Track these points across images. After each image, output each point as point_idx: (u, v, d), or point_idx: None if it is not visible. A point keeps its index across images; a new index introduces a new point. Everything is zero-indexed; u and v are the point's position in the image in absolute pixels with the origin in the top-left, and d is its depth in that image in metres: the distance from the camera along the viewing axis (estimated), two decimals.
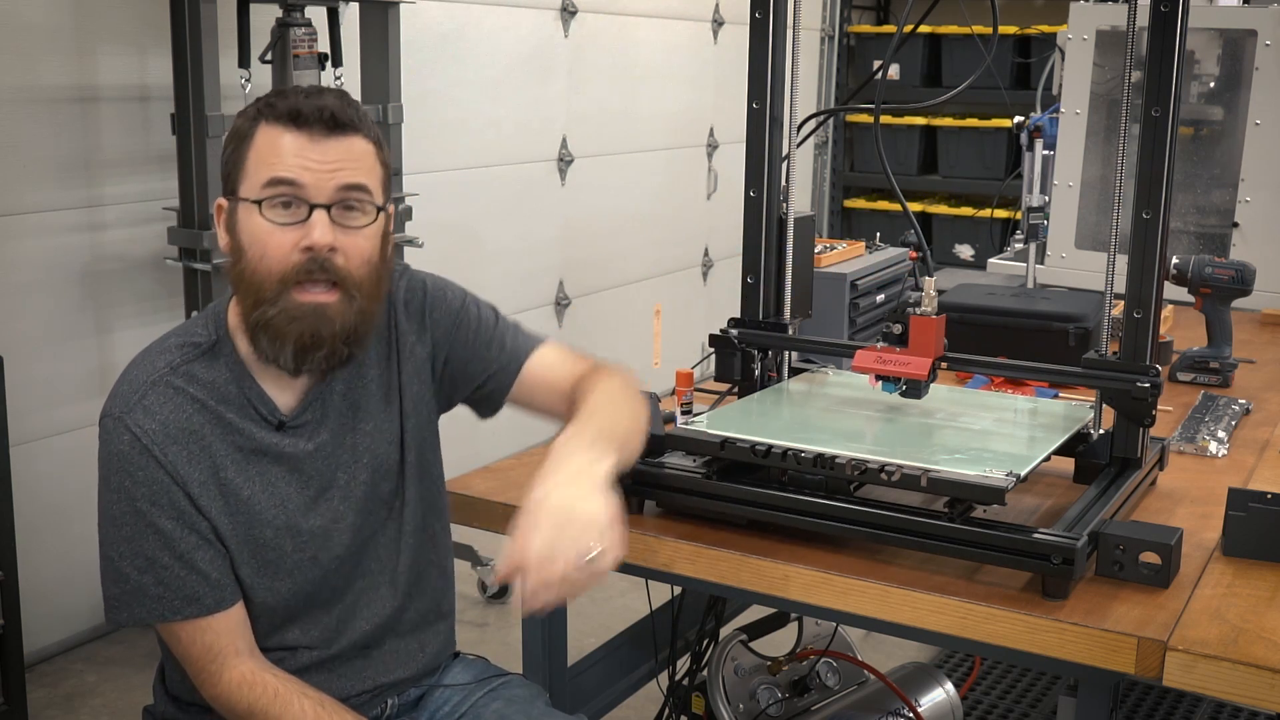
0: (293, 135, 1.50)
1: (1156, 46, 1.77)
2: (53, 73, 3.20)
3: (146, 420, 1.54)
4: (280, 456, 1.60)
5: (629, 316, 5.43)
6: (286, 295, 1.50)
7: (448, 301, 1.74)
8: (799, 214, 2.11)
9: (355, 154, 1.53)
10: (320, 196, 1.50)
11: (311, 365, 1.55)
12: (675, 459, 1.85)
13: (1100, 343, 1.97)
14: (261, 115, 1.53)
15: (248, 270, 1.53)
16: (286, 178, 1.49)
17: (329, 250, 1.50)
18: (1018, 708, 3.06)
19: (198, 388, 1.57)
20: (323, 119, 1.50)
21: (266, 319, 1.51)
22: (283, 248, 1.50)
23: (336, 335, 1.53)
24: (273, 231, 1.50)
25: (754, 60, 2.05)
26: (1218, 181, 3.53)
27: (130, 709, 3.12)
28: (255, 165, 1.52)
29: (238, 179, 1.54)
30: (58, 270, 3.27)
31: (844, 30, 7.00)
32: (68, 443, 3.31)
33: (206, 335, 1.61)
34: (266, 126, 1.52)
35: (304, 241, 1.49)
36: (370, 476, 1.66)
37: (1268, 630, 1.50)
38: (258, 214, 1.51)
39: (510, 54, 4.62)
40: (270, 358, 1.54)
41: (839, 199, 7.17)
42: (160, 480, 1.54)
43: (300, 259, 1.50)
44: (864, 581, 1.64)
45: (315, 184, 1.50)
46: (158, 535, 1.54)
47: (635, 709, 2.68)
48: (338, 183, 1.51)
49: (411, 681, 1.76)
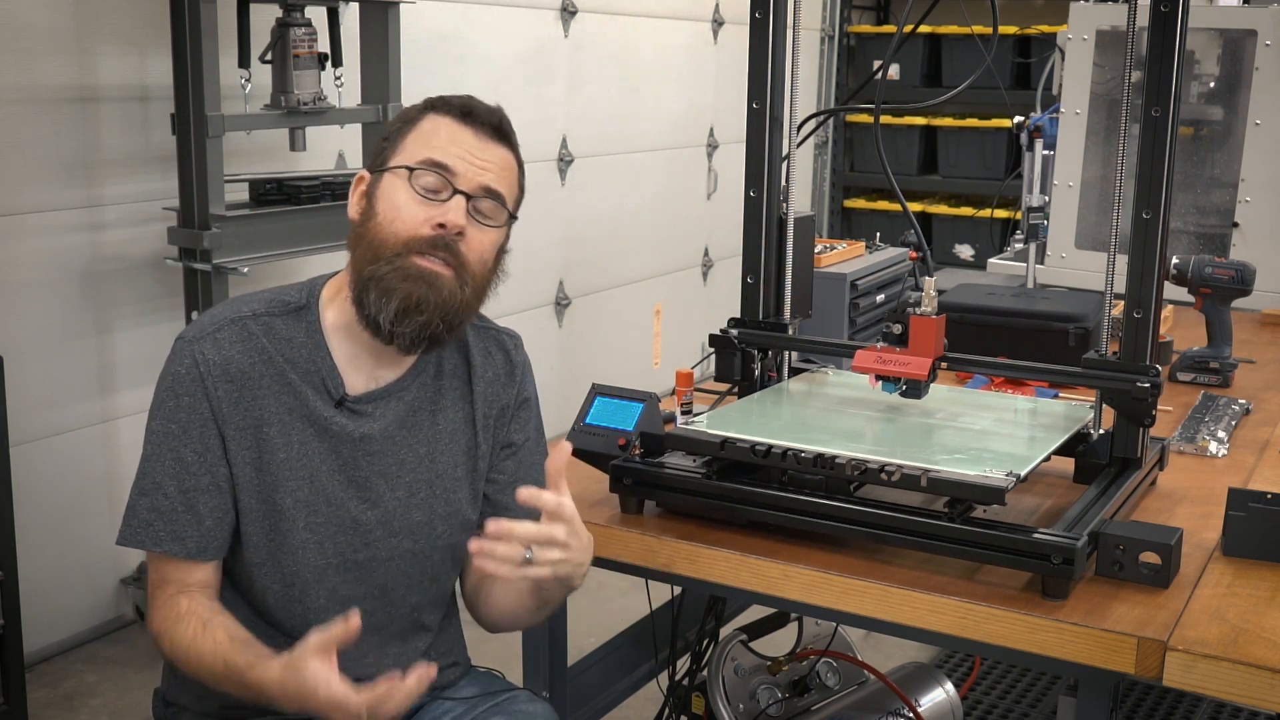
0: (459, 127, 1.61)
1: (1156, 46, 1.77)
2: (53, 73, 3.20)
3: (212, 351, 1.59)
4: (326, 432, 1.62)
5: (629, 316, 5.43)
6: (406, 258, 1.57)
7: (531, 395, 1.80)
8: (799, 214, 2.11)
9: (504, 164, 1.64)
10: (466, 185, 1.59)
11: (406, 330, 1.58)
12: (675, 459, 1.86)
13: (1100, 343, 1.97)
14: (432, 107, 1.64)
15: (374, 230, 1.59)
16: (444, 161, 1.59)
17: (457, 232, 1.57)
18: (1018, 708, 3.06)
19: (272, 340, 1.62)
20: (491, 122, 1.63)
21: (380, 274, 1.57)
22: (416, 217, 1.57)
23: (438, 306, 1.58)
24: (412, 200, 1.58)
25: (754, 60, 2.05)
26: (1218, 181, 3.53)
27: (130, 709, 3.12)
28: (415, 143, 1.61)
29: (391, 154, 1.62)
30: (58, 270, 3.27)
31: (844, 30, 7.00)
32: (68, 443, 3.31)
33: (298, 299, 1.67)
34: (435, 115, 1.63)
35: (439, 218, 1.57)
36: (406, 494, 1.66)
37: (1268, 630, 1.50)
38: (406, 182, 1.58)
39: (510, 54, 4.62)
40: (373, 314, 1.58)
41: (839, 199, 7.17)
42: (201, 411, 1.58)
43: (430, 233, 1.57)
44: (864, 581, 1.64)
45: (465, 174, 1.59)
46: (175, 461, 1.58)
47: (635, 709, 2.68)
48: (484, 181, 1.60)
49: None
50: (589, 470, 1.94)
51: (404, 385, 1.67)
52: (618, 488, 1.85)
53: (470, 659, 1.86)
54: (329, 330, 1.65)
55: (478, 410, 1.72)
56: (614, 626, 2.44)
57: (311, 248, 3.37)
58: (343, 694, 1.41)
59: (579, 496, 1.92)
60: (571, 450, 1.57)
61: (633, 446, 1.87)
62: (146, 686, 3.16)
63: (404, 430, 1.67)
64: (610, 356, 5.27)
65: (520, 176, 1.68)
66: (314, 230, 3.36)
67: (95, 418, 3.38)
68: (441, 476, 1.69)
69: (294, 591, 1.64)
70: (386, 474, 1.65)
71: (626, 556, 1.81)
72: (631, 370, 5.30)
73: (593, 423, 1.91)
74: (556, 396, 4.76)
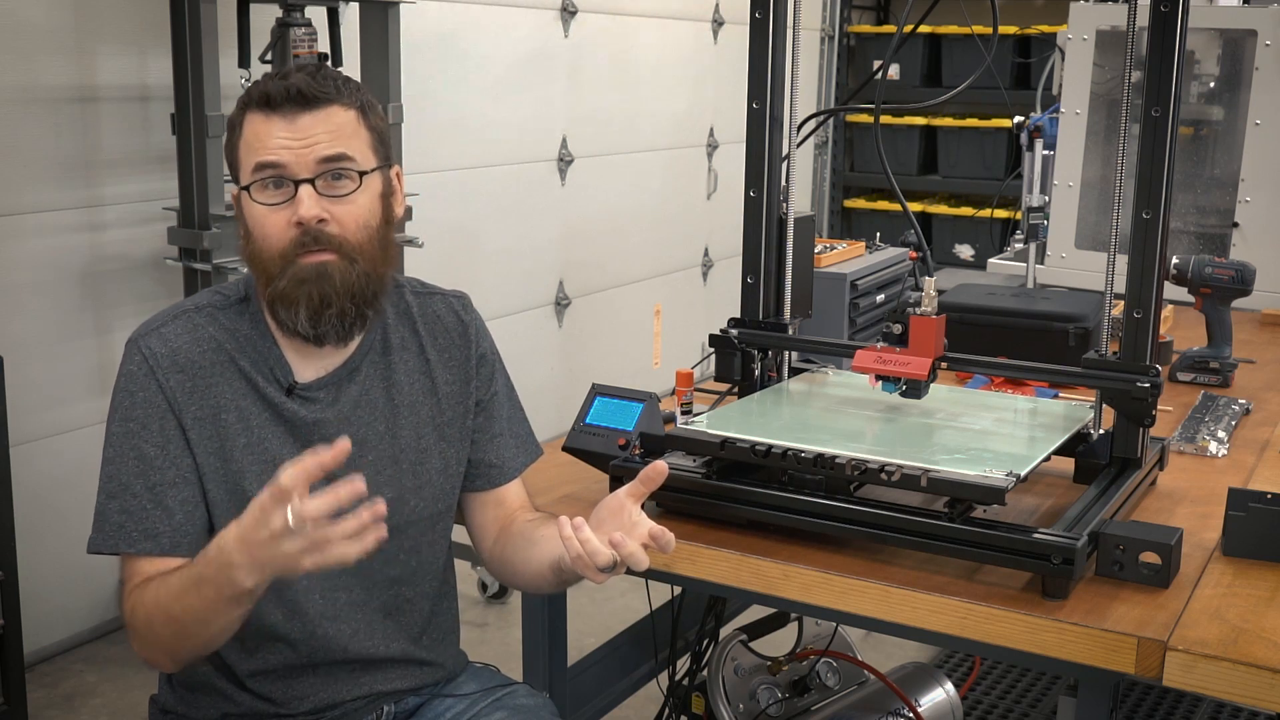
0: (268, 118, 1.56)
1: (1156, 46, 1.77)
2: (53, 73, 3.20)
3: (159, 345, 1.60)
4: (281, 418, 1.62)
5: (629, 316, 5.43)
6: (293, 264, 1.56)
7: (489, 351, 1.78)
8: (799, 214, 2.11)
9: (333, 124, 1.56)
10: (302, 172, 1.55)
11: (327, 327, 1.58)
12: (675, 459, 1.85)
13: (1100, 343, 1.97)
14: (244, 104, 1.59)
15: (255, 251, 1.58)
16: (268, 160, 1.55)
17: (319, 222, 1.55)
18: (1018, 708, 3.06)
19: (219, 329, 1.63)
20: (290, 97, 1.55)
21: (279, 291, 1.56)
22: (278, 226, 1.56)
23: (341, 293, 1.57)
24: (267, 213, 1.56)
25: (754, 60, 2.05)
26: (1218, 181, 3.53)
27: (130, 709, 3.12)
28: (245, 153, 1.58)
29: (236, 169, 1.61)
30: (58, 270, 3.27)
31: (844, 30, 6.99)
32: (68, 443, 3.31)
33: (238, 292, 1.67)
34: (250, 114, 1.58)
35: (294, 218, 1.55)
36: (373, 473, 1.64)
37: (1268, 630, 1.50)
38: (250, 198, 1.57)
39: (510, 54, 4.62)
40: (290, 328, 1.59)
41: (839, 199, 7.17)
42: (157, 404, 1.58)
43: (295, 234, 1.55)
44: (864, 581, 1.64)
45: (295, 161, 1.54)
46: (138, 459, 1.57)
47: (635, 709, 2.68)
48: (316, 156, 1.55)
49: (411, 691, 1.74)
50: (589, 470, 1.94)
51: (352, 366, 1.66)
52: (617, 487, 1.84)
53: (467, 655, 1.86)
54: (271, 322, 1.64)
55: (437, 377, 1.71)
56: (614, 626, 2.44)
57: None
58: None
59: (579, 496, 1.93)
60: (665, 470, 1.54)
61: (633, 446, 1.87)
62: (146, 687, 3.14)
63: (359, 410, 1.66)
64: (610, 356, 5.27)
65: (366, 118, 1.60)
66: None
67: (95, 418, 3.37)
68: (405, 450, 1.68)
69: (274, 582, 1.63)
70: (348, 457, 1.64)
71: None
72: (631, 370, 5.30)
73: (593, 423, 1.91)
74: (556, 396, 4.76)
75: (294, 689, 1.65)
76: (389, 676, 1.70)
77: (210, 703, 1.66)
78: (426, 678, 1.75)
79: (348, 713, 1.67)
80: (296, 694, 1.65)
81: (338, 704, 1.67)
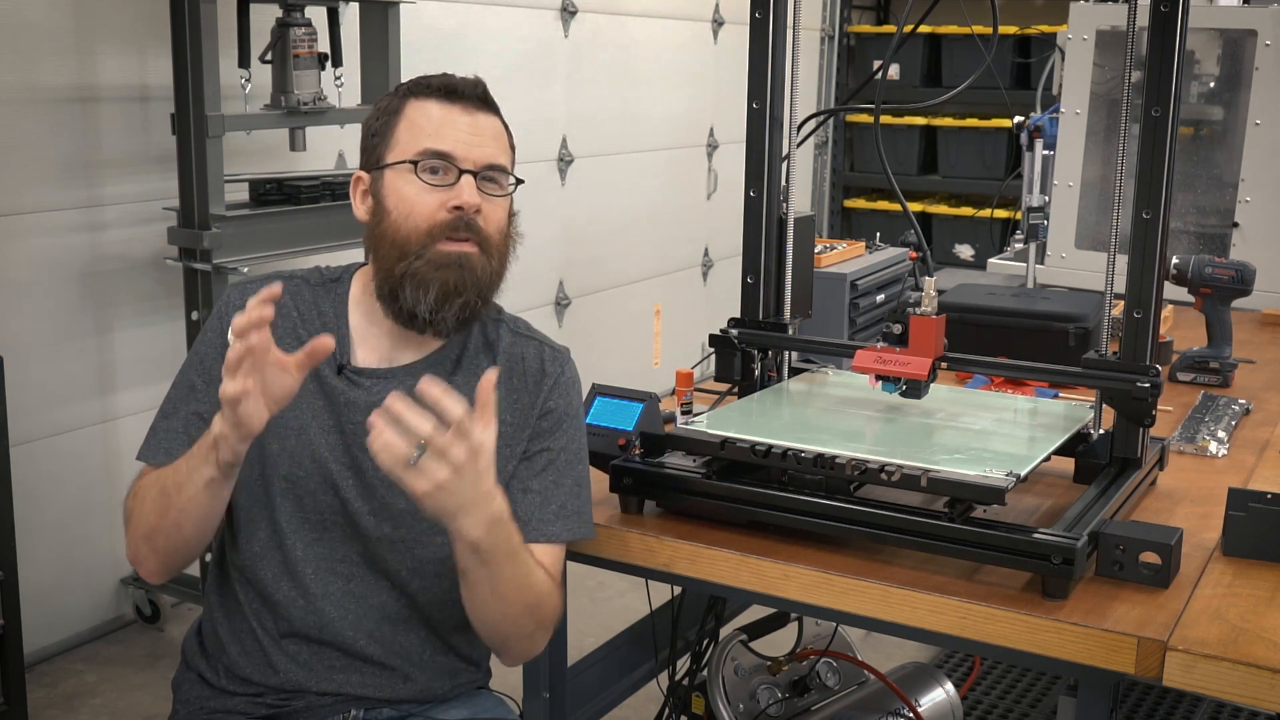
0: (446, 107, 1.63)
1: (1156, 46, 1.77)
2: (53, 73, 3.20)
3: (238, 297, 1.66)
4: (322, 391, 1.65)
5: (629, 316, 5.43)
6: (432, 247, 1.60)
7: (562, 409, 1.73)
8: (799, 214, 2.11)
9: (496, 133, 1.67)
10: (469, 164, 1.62)
11: (447, 313, 1.61)
12: (675, 459, 1.86)
13: (1100, 343, 1.97)
14: (411, 93, 1.66)
15: (391, 228, 1.62)
16: (442, 148, 1.61)
17: (475, 211, 1.61)
18: (1018, 708, 3.06)
19: (298, 299, 1.70)
20: (476, 94, 1.65)
21: (413, 269, 1.60)
22: (429, 206, 1.60)
23: (471, 285, 1.62)
24: (423, 191, 1.61)
25: (754, 60, 2.05)
26: (1218, 181, 3.53)
27: (130, 709, 3.12)
28: (407, 135, 1.63)
29: (384, 151, 1.65)
30: (58, 270, 3.27)
31: (844, 30, 7.00)
32: (68, 443, 3.31)
33: (335, 274, 1.74)
34: (417, 101, 1.64)
35: (453, 201, 1.60)
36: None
37: (1268, 630, 1.50)
38: (412, 175, 1.61)
39: (510, 54, 4.62)
40: (409, 306, 1.61)
41: (839, 199, 7.17)
42: (217, 345, 1.64)
43: (448, 216, 1.60)
44: (864, 581, 1.64)
45: (465, 153, 1.62)
46: (189, 388, 1.68)
47: (635, 709, 2.68)
48: (484, 156, 1.64)
49: (386, 702, 1.69)
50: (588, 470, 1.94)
51: (414, 371, 1.65)
52: (618, 488, 1.85)
53: (489, 680, 1.81)
54: (352, 302, 1.70)
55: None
56: (614, 626, 2.44)
57: (311, 247, 3.37)
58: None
59: None
60: (498, 375, 1.47)
61: (633, 446, 1.87)
62: (146, 686, 3.16)
63: None
64: (610, 356, 5.26)
65: (510, 139, 1.71)
66: (314, 230, 3.36)
67: (95, 418, 3.38)
68: None
69: (275, 539, 1.65)
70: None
71: (626, 556, 1.81)
72: (631, 370, 5.30)
73: (593, 423, 1.91)
74: None
75: (272, 658, 1.65)
76: (364, 681, 1.66)
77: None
78: (405, 692, 1.69)
79: (313, 705, 1.65)
80: (273, 664, 1.65)
81: (305, 690, 1.65)
